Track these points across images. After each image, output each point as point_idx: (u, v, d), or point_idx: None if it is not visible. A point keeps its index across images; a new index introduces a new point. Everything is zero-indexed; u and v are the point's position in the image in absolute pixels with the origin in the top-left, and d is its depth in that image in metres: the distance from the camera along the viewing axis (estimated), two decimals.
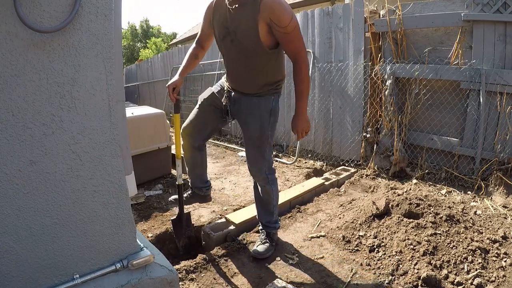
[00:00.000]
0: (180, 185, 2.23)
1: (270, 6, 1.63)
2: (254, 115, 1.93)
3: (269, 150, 2.03)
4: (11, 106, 1.00)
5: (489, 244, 2.01)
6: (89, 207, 1.20)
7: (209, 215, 2.79)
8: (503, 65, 2.98)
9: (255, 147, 2.00)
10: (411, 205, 2.30)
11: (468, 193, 3.02)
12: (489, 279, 1.77)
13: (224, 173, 4.05)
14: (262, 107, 1.94)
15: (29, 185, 1.06)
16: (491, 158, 3.06)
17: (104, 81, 1.17)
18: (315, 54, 4.31)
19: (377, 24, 3.61)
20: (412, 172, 3.50)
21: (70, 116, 1.11)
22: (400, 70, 3.46)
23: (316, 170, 4.06)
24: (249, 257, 2.12)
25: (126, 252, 1.31)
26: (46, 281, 1.13)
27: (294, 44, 1.75)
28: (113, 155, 1.23)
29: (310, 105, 4.40)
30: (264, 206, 2.19)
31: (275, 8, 1.63)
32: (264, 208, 2.20)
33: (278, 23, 1.66)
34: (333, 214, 2.68)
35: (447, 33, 3.28)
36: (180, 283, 1.86)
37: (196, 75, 6.99)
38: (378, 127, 3.81)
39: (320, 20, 4.20)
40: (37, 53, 1.02)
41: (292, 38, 1.72)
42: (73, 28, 1.07)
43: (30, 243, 1.09)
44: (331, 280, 1.88)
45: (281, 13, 1.65)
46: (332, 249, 2.19)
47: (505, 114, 2.96)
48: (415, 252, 1.94)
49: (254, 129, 1.95)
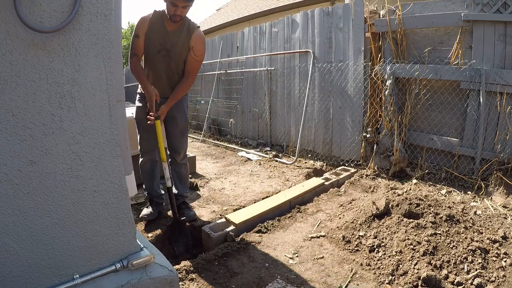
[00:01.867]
0: (170, 188, 2.37)
1: (198, 39, 2.36)
2: (179, 109, 2.49)
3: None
4: (11, 106, 1.00)
5: (489, 244, 2.01)
6: (89, 207, 1.20)
7: (209, 215, 2.79)
8: (503, 65, 2.98)
9: (184, 134, 2.58)
10: (411, 205, 2.30)
11: (468, 193, 3.02)
12: (489, 279, 1.77)
13: (224, 173, 4.05)
14: (183, 101, 2.53)
15: (29, 185, 1.06)
16: (491, 158, 3.06)
17: (104, 81, 1.17)
18: (315, 54, 4.31)
19: (377, 24, 3.61)
20: (412, 172, 3.50)
21: (70, 116, 1.11)
22: (400, 70, 3.46)
23: (316, 170, 4.06)
24: (249, 257, 2.12)
25: (126, 252, 1.31)
26: (46, 281, 1.13)
27: (195, 67, 2.45)
28: (113, 155, 1.23)
29: (310, 105, 4.41)
30: (184, 180, 2.75)
31: (200, 42, 2.38)
32: (184, 182, 2.75)
33: (196, 52, 2.38)
34: (333, 214, 2.68)
35: (447, 33, 3.28)
36: (180, 283, 1.86)
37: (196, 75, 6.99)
38: (378, 127, 3.81)
39: (320, 20, 4.20)
40: (37, 53, 1.02)
41: (197, 65, 2.45)
42: (73, 28, 1.07)
43: (30, 243, 1.09)
44: (331, 280, 1.88)
45: (202, 47, 2.41)
46: (332, 249, 2.19)
47: (505, 114, 2.96)
48: (415, 252, 1.94)
49: (181, 120, 2.51)
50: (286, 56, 4.77)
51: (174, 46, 2.32)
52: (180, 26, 2.31)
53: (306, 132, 4.54)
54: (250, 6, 11.71)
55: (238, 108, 5.83)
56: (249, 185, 3.55)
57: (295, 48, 4.62)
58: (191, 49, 2.37)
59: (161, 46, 2.32)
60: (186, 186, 2.81)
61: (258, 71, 5.29)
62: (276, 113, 5.09)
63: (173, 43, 2.32)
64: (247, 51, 5.54)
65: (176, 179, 2.71)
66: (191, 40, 2.34)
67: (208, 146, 5.73)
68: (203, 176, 3.89)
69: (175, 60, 2.37)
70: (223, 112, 6.24)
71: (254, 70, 5.35)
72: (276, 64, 4.96)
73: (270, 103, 5.16)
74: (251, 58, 5.42)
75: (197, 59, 2.41)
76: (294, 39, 4.63)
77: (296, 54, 4.60)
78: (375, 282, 1.85)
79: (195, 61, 2.41)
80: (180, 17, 2.20)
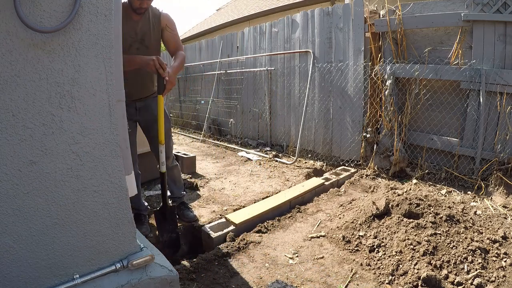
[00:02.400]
0: (164, 173, 2.19)
1: (167, 16, 2.36)
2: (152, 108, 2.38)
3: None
4: (11, 106, 1.00)
5: (489, 244, 2.01)
6: (89, 207, 1.20)
7: (209, 215, 2.79)
8: (503, 65, 2.98)
9: (170, 136, 2.53)
10: (411, 205, 2.30)
11: (468, 193, 3.02)
12: (489, 279, 1.77)
13: (224, 173, 4.05)
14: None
15: (29, 185, 1.06)
16: (491, 158, 3.06)
17: (104, 81, 1.17)
18: (315, 54, 4.31)
19: (377, 24, 3.61)
20: (412, 172, 3.50)
21: (70, 116, 1.11)
22: (400, 70, 3.46)
23: (316, 170, 4.06)
24: (249, 257, 2.12)
25: (126, 252, 1.31)
26: (46, 281, 1.13)
27: (178, 40, 2.43)
28: (113, 155, 1.23)
29: (310, 105, 4.41)
30: (178, 182, 2.75)
31: (170, 18, 2.38)
32: (179, 183, 2.76)
33: (172, 27, 2.38)
34: (333, 214, 2.68)
35: (447, 33, 3.28)
36: (180, 283, 1.86)
37: (197, 75, 6.99)
38: (378, 127, 3.81)
39: (320, 20, 4.20)
40: (37, 53, 1.02)
41: (178, 37, 2.44)
42: (73, 28, 1.07)
43: (30, 243, 1.09)
44: (331, 280, 1.88)
45: (173, 21, 2.41)
46: (332, 249, 2.19)
47: (505, 114, 2.96)
48: (415, 252, 1.94)
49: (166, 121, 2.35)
50: (286, 56, 4.77)
51: (146, 34, 2.25)
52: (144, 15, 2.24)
53: (306, 132, 4.54)
54: (250, 6, 11.71)
55: (238, 108, 5.83)
56: (249, 185, 3.55)
57: (295, 48, 4.62)
58: (166, 28, 2.34)
59: (132, 39, 2.21)
60: (181, 186, 2.80)
61: (258, 71, 5.29)
62: (276, 113, 5.09)
63: (144, 32, 2.24)
64: (247, 51, 5.54)
65: (170, 183, 2.70)
66: (161, 21, 2.32)
67: (208, 146, 5.73)
68: (203, 176, 3.89)
69: (152, 48, 2.29)
70: (223, 112, 6.24)
71: (254, 70, 5.35)
72: (276, 64, 4.96)
73: (270, 103, 5.15)
74: (251, 58, 5.42)
75: (175, 33, 2.42)
76: (294, 39, 4.63)
77: (296, 54, 4.60)
78: (375, 282, 1.85)
79: (175, 35, 2.40)
80: (146, 8, 2.16)
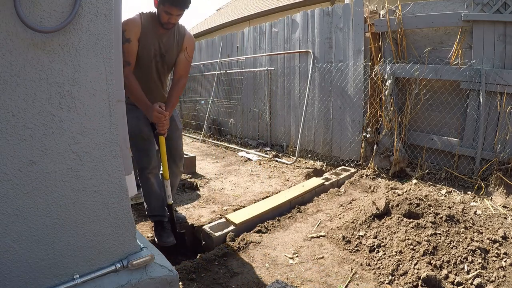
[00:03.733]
0: (171, 205, 2.29)
1: (191, 39, 2.32)
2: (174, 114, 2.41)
3: None
4: (11, 106, 1.00)
5: (489, 244, 2.01)
6: (89, 207, 1.20)
7: (209, 215, 2.79)
8: (503, 65, 2.98)
9: (180, 138, 2.52)
10: (411, 205, 2.30)
11: (468, 193, 3.02)
12: (489, 279, 1.77)
13: (224, 173, 4.05)
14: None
15: (29, 185, 1.06)
16: (491, 158, 3.06)
17: (104, 81, 1.17)
18: (315, 54, 4.31)
19: (377, 24, 3.61)
20: (412, 172, 3.50)
21: (70, 116, 1.11)
22: (400, 70, 3.46)
23: (316, 170, 4.06)
24: (249, 257, 2.12)
25: (126, 252, 1.31)
26: (46, 281, 1.13)
27: (188, 69, 2.38)
28: (113, 155, 1.23)
29: (310, 105, 4.41)
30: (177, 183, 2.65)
31: (192, 42, 2.34)
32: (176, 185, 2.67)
33: (190, 53, 2.33)
34: (333, 214, 2.68)
35: (447, 33, 3.28)
36: (180, 283, 1.86)
37: (197, 75, 6.99)
38: (378, 127, 3.81)
39: (320, 20, 4.20)
40: (37, 53, 1.02)
41: (189, 66, 2.38)
42: (73, 28, 1.07)
43: (30, 243, 1.09)
44: (331, 280, 1.88)
45: (194, 47, 2.38)
46: (332, 249, 2.19)
47: (505, 114, 2.96)
48: (415, 252, 1.94)
49: (179, 121, 2.47)
50: (286, 56, 4.77)
51: (168, 51, 2.21)
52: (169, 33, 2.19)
53: (306, 132, 4.54)
54: (250, 6, 11.71)
55: (238, 108, 5.83)
56: (249, 185, 3.55)
57: (295, 48, 4.62)
58: (185, 50, 2.28)
59: (156, 51, 2.16)
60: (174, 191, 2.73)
61: (258, 71, 5.29)
62: (276, 113, 5.09)
63: (168, 48, 2.20)
64: (247, 51, 5.54)
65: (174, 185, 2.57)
66: (184, 41, 2.25)
67: (208, 146, 5.73)
68: (203, 176, 3.89)
69: (168, 65, 2.28)
70: (223, 112, 6.24)
71: (254, 70, 5.35)
72: (276, 64, 4.96)
73: (270, 103, 5.16)
74: (251, 58, 5.43)
75: (190, 60, 2.34)
76: (294, 39, 4.63)
77: (296, 54, 4.60)
78: (375, 282, 1.85)
79: (188, 62, 2.33)
80: (174, 24, 2.09)
